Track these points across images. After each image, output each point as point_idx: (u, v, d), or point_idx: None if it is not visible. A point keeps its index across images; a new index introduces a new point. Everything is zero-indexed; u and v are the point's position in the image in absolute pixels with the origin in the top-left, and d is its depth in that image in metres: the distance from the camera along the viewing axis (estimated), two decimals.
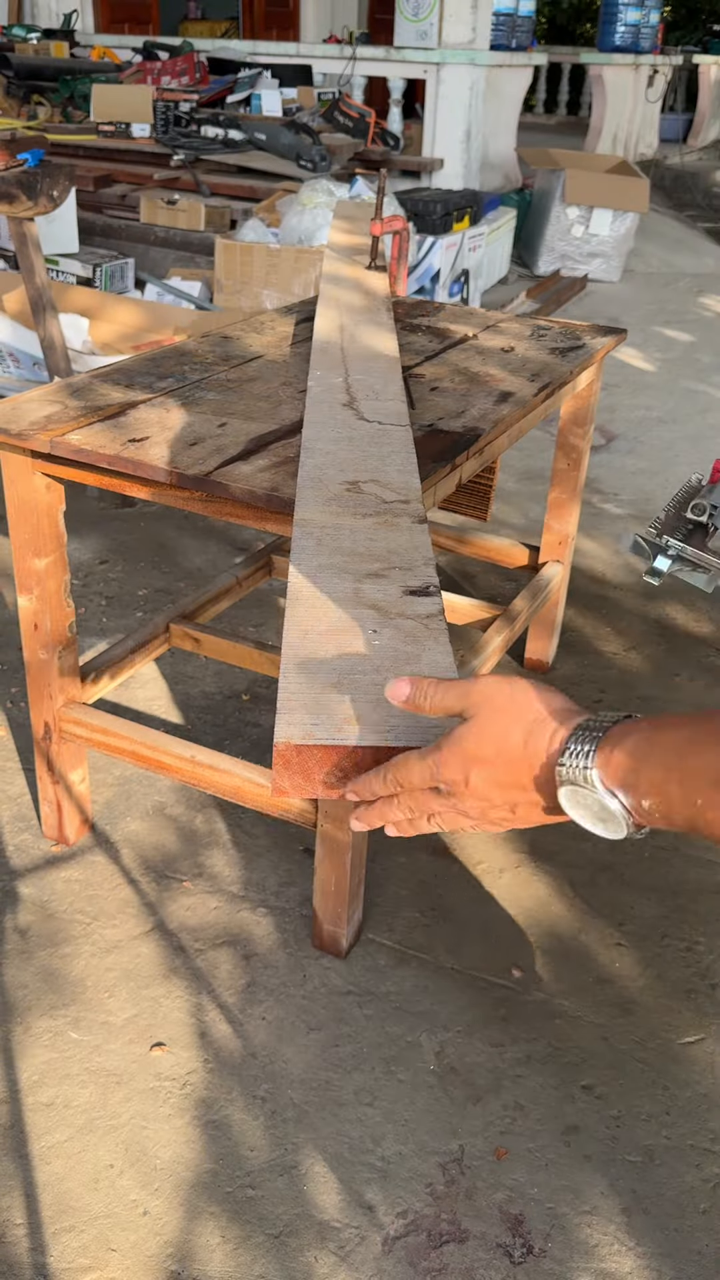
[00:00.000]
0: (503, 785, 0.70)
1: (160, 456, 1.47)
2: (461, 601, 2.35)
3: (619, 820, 0.65)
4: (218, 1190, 1.42)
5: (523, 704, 0.70)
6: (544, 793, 0.69)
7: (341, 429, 1.47)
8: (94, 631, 2.63)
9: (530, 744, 0.68)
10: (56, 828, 1.96)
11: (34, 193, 3.00)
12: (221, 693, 2.43)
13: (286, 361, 1.92)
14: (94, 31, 9.53)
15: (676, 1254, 1.37)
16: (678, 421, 4.54)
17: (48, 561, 1.70)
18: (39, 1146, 1.46)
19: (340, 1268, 1.33)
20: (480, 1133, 1.51)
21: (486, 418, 1.69)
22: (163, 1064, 1.57)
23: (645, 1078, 1.60)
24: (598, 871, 1.99)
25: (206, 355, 1.95)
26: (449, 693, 0.73)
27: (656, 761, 0.63)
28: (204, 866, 1.94)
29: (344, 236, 2.64)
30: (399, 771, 0.74)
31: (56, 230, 4.83)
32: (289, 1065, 1.58)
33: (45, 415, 1.59)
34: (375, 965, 1.75)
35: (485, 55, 6.83)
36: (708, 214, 9.48)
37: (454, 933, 1.83)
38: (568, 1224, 1.40)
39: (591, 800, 0.65)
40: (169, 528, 3.18)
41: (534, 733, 0.68)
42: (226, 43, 8.31)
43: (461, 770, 0.70)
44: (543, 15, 15.92)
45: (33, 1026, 1.62)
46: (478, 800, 0.71)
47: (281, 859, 1.96)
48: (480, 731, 0.70)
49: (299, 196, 5.01)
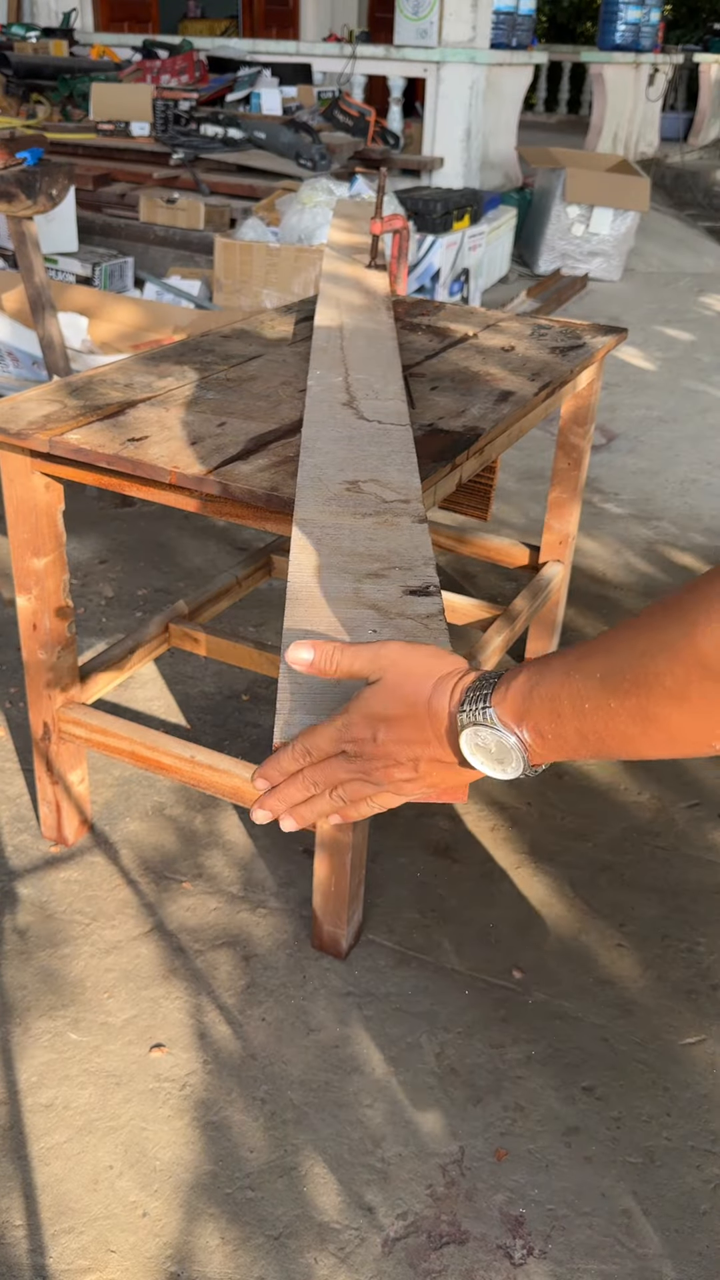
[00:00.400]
0: (408, 741, 0.71)
1: (160, 456, 1.47)
2: (462, 601, 2.34)
3: (515, 756, 0.67)
4: (217, 1191, 1.41)
5: (428, 665, 0.72)
6: (449, 743, 0.70)
7: (341, 428, 1.47)
8: (93, 631, 2.63)
9: (434, 699, 0.70)
10: (55, 828, 1.95)
11: (33, 191, 2.99)
12: (221, 693, 2.42)
13: (286, 361, 1.92)
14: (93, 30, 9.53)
15: (677, 1255, 1.37)
16: (678, 421, 4.54)
17: (47, 561, 1.70)
18: (38, 1148, 1.45)
19: (340, 1269, 1.33)
20: (480, 1134, 1.50)
21: (487, 417, 1.68)
22: (162, 1065, 1.57)
23: (646, 1079, 1.60)
24: (598, 872, 1.99)
25: (206, 354, 1.94)
26: (357, 657, 0.74)
27: (546, 685, 0.65)
28: (204, 867, 1.94)
29: (344, 235, 2.63)
30: (306, 738, 0.75)
31: (56, 229, 4.83)
32: (289, 1066, 1.58)
33: (44, 414, 1.59)
34: (375, 966, 1.75)
35: (485, 54, 6.82)
36: (708, 213, 9.48)
37: (454, 933, 1.83)
38: (568, 1225, 1.39)
39: (489, 738, 0.67)
40: (168, 527, 3.18)
41: (438, 688, 0.71)
42: (226, 41, 8.30)
43: (369, 728, 0.72)
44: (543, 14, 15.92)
45: (32, 1027, 1.62)
46: (383, 760, 0.72)
47: (281, 859, 1.96)
48: (388, 692, 0.72)
49: (299, 195, 5.01)
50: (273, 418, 1.63)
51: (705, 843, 2.08)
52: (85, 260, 4.85)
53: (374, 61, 7.12)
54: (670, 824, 2.12)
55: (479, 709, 0.67)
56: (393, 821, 2.06)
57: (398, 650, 0.74)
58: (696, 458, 4.13)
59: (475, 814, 2.11)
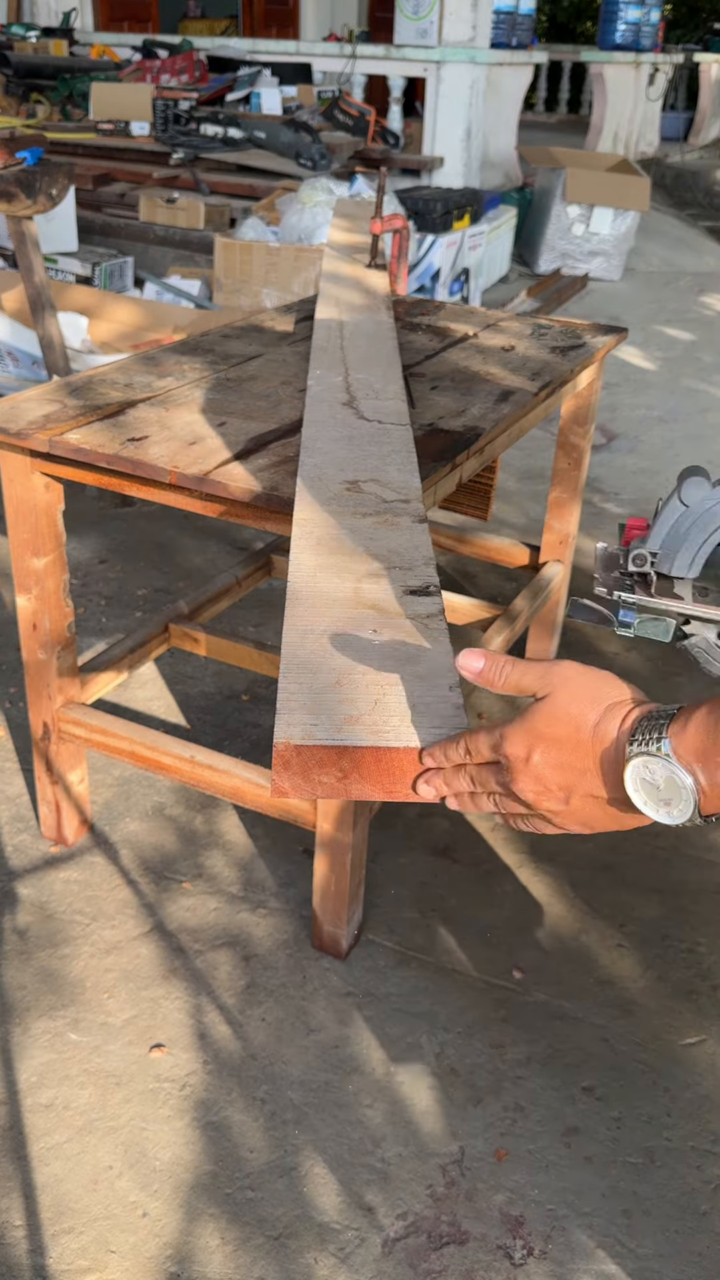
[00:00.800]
0: (563, 767, 0.67)
1: (159, 456, 1.46)
2: (462, 601, 2.34)
3: (687, 797, 0.62)
4: (217, 1192, 1.41)
5: (601, 689, 0.69)
6: (607, 776, 0.66)
7: (341, 428, 1.47)
8: (93, 631, 2.63)
9: (602, 726, 0.67)
10: (55, 828, 1.95)
11: (33, 191, 2.99)
12: (221, 693, 2.42)
13: (286, 360, 1.92)
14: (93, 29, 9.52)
15: (677, 1256, 1.37)
16: (679, 420, 4.53)
17: (47, 561, 1.70)
18: (38, 1148, 1.45)
19: (340, 1269, 1.33)
20: (480, 1134, 1.50)
21: (487, 417, 1.68)
22: (162, 1065, 1.57)
23: (646, 1079, 1.59)
24: (598, 873, 1.99)
25: (206, 354, 1.94)
26: (528, 672, 0.72)
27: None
28: (203, 867, 1.94)
29: (344, 235, 2.63)
30: (470, 737, 0.73)
31: (55, 229, 4.82)
32: (289, 1066, 1.58)
33: (44, 414, 1.59)
34: (375, 966, 1.75)
35: (485, 53, 6.82)
36: (709, 212, 9.48)
37: (454, 934, 1.83)
38: (568, 1226, 1.39)
39: (659, 773, 0.63)
40: (168, 527, 3.17)
41: (609, 714, 0.67)
42: (226, 41, 8.30)
43: (525, 746, 0.69)
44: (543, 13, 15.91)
45: (32, 1028, 1.62)
46: (534, 781, 0.69)
47: (281, 860, 1.96)
48: (554, 710, 0.68)
49: (299, 195, 5.01)
50: (273, 417, 1.63)
51: (705, 843, 2.07)
52: (85, 260, 4.84)
53: (374, 61, 7.12)
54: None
55: (653, 739, 0.63)
56: (393, 821, 2.06)
57: (571, 669, 0.70)
58: (697, 457, 4.12)
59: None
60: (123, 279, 4.93)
